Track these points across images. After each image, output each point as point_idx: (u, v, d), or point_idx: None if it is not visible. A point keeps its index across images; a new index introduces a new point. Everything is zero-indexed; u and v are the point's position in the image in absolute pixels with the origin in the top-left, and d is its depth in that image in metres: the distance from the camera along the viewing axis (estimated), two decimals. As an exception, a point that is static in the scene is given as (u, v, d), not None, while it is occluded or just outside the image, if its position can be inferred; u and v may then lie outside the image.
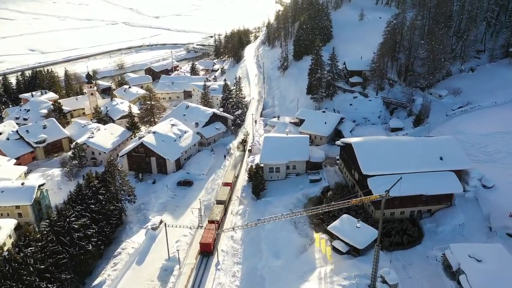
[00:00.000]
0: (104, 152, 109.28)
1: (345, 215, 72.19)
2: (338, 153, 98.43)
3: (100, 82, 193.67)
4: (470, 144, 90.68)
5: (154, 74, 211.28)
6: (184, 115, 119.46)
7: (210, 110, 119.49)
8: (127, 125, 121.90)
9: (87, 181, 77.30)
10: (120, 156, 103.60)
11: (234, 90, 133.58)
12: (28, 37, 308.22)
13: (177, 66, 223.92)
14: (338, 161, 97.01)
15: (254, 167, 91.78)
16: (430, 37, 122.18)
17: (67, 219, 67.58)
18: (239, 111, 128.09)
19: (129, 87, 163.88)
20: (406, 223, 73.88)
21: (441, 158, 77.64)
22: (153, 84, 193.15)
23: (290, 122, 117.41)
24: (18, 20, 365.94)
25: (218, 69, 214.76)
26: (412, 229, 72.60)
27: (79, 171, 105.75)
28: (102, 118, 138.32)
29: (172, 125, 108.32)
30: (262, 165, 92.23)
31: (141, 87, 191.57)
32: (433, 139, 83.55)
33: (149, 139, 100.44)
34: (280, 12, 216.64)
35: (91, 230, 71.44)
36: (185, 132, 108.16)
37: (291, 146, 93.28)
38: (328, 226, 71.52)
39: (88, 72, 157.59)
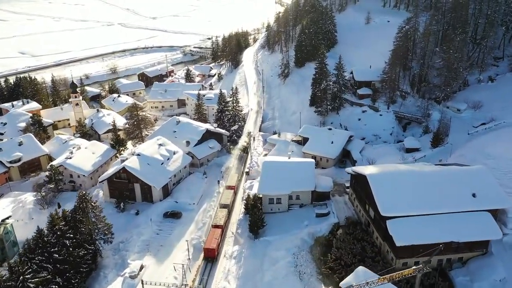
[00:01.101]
0: (84, 175, 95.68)
1: (360, 268, 58.46)
2: (348, 177, 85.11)
3: (88, 88, 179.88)
4: (502, 172, 76.85)
5: (148, 80, 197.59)
6: (174, 131, 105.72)
7: (203, 127, 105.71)
8: (111, 142, 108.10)
9: (51, 224, 63.68)
10: (100, 182, 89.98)
11: (230, 102, 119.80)
12: (20, 39, 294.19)
13: (172, 71, 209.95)
14: (348, 189, 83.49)
15: (251, 198, 78.36)
16: (447, 44, 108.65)
17: (21, 277, 54.09)
18: (236, 126, 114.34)
19: (119, 96, 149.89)
20: (433, 275, 60.40)
21: (473, 195, 64.18)
22: (146, 91, 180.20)
23: (292, 140, 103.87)
24: (11, 21, 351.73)
25: (214, 75, 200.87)
26: (442, 284, 59.21)
27: (55, 197, 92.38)
28: (87, 132, 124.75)
29: (160, 145, 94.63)
30: (260, 195, 78.88)
31: (133, 95, 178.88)
32: (463, 170, 69.86)
33: (132, 163, 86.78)
34: (280, 14, 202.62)
35: (54, 286, 57.97)
36: (174, 153, 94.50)
37: (294, 173, 79.66)
38: (341, 283, 57.94)
39: (72, 80, 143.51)
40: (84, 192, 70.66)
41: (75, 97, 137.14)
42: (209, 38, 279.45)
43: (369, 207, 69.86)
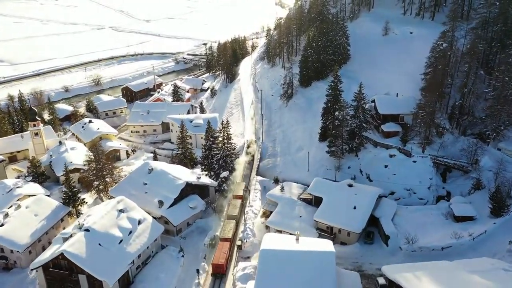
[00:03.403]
0: (18, 252, 68.50)
1: None
2: (377, 263, 58.51)
3: (61, 106, 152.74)
4: None
5: (132, 95, 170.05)
6: (145, 184, 78.47)
7: (182, 179, 77.66)
8: (63, 195, 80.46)
9: None
10: (32, 269, 62.90)
11: (220, 138, 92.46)
12: (3, 45, 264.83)
13: (161, 84, 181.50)
14: (382, 289, 56.50)
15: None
16: (500, 69, 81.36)
17: None
18: (226, 173, 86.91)
19: (90, 122, 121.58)
20: None
21: None
22: (129, 108, 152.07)
23: (300, 198, 76.35)
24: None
25: (207, 89, 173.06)
26: None
27: (-23, 283, 65.66)
28: (42, 173, 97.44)
29: (120, 211, 67.35)
30: (257, 306, 51.92)
31: (114, 114, 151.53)
32: None
33: (75, 246, 59.56)
34: (281, 21, 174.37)
35: None
36: (139, 222, 67.33)
37: (306, 273, 52.57)
38: None
39: (30, 105, 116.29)
40: None
41: (34, 125, 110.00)
42: (204, 44, 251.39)
43: None
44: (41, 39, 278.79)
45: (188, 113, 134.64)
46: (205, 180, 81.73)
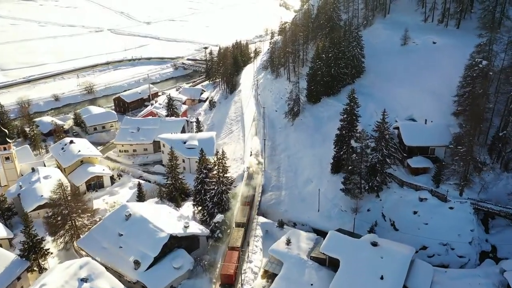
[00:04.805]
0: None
1: None
2: None
3: (45, 119, 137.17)
4: None
5: (125, 106, 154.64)
6: (121, 235, 62.80)
7: (166, 232, 61.47)
8: (23, 245, 64.82)
9: None
10: None
11: (215, 170, 76.66)
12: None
13: (156, 93, 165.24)
14: None
15: None
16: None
17: None
18: (220, 217, 70.87)
19: (71, 142, 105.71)
20: None
21: None
22: (120, 120, 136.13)
23: (311, 257, 60.40)
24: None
25: (206, 99, 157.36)
26: None
27: None
28: (8, 208, 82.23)
29: (83, 280, 51.79)
30: None
31: (103, 128, 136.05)
32: None
33: None
34: (286, 26, 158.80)
35: None
36: (107, 295, 51.81)
37: None
38: None
39: (1, 121, 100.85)
40: None
41: (4, 148, 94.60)
42: (205, 48, 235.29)
43: None
44: (37, 42, 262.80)
45: (183, 129, 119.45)
46: (194, 229, 65.76)
